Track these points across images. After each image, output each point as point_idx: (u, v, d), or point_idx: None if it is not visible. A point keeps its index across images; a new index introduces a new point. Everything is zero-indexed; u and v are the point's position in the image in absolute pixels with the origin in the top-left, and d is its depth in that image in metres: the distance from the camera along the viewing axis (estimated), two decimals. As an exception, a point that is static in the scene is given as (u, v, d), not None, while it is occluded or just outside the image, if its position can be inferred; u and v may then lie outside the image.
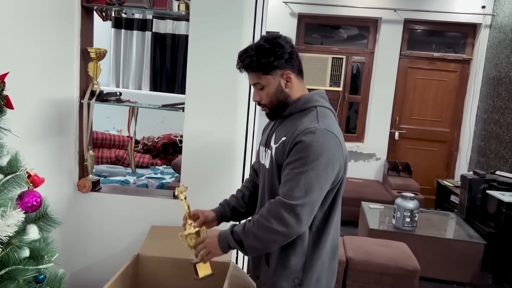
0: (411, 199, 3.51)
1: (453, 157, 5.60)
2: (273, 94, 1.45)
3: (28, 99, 1.92)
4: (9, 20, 1.73)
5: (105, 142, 4.49)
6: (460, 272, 3.47)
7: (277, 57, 1.40)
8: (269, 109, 1.49)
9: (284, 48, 1.41)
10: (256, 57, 1.40)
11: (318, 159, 1.30)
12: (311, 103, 1.44)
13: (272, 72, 1.42)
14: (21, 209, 1.13)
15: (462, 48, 5.50)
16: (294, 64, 1.45)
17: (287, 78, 1.44)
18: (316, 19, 5.60)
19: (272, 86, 1.44)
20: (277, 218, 1.29)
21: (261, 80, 1.44)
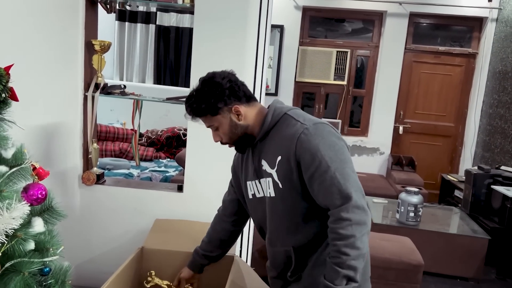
0: (415, 193, 3.50)
1: (458, 152, 5.58)
2: (229, 131, 1.43)
3: (33, 91, 1.92)
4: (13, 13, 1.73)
5: (109, 135, 4.50)
6: (463, 267, 3.46)
7: (217, 97, 1.38)
8: (233, 144, 1.48)
9: (222, 85, 1.38)
10: (197, 103, 1.39)
11: (330, 152, 1.27)
12: (278, 112, 1.41)
13: (220, 112, 1.39)
14: (26, 202, 1.13)
15: (468, 42, 5.45)
16: (239, 95, 1.41)
17: (236, 112, 1.41)
18: (320, 12, 5.56)
19: (225, 124, 1.42)
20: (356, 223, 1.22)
21: (212, 122, 1.43)
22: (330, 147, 1.28)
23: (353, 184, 1.26)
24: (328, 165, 1.25)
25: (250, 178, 1.51)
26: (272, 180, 1.40)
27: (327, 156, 1.26)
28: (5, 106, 1.16)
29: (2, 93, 1.10)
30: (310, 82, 5.61)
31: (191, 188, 2.42)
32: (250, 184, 1.52)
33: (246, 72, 2.30)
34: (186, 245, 2.16)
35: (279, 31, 5.43)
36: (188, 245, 2.15)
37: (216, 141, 1.48)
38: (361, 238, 1.23)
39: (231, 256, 2.06)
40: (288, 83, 5.56)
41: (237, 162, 1.64)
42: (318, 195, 1.30)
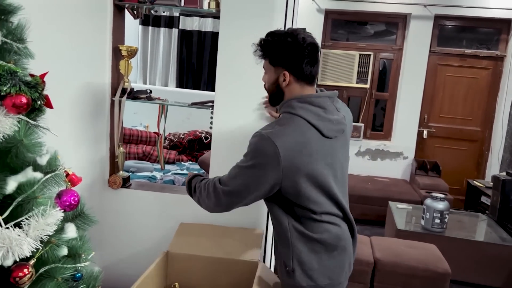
0: (441, 199, 3.43)
1: (484, 157, 5.45)
2: (269, 82, 1.59)
3: (62, 97, 1.95)
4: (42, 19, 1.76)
5: (132, 138, 4.55)
6: (492, 275, 3.37)
7: (285, 54, 1.50)
8: (269, 94, 1.64)
9: (297, 50, 1.49)
10: (270, 45, 1.53)
11: (250, 160, 1.46)
12: (285, 108, 1.55)
13: (275, 65, 1.54)
14: (59, 208, 1.15)
15: (495, 44, 5.33)
16: (298, 68, 1.51)
17: (284, 77, 1.52)
18: (343, 15, 5.52)
19: (271, 75, 1.57)
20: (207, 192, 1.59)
21: (266, 66, 1.59)
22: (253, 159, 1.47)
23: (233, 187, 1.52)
24: (241, 163, 1.51)
25: None
26: None
27: (246, 159, 1.49)
28: (40, 113, 1.18)
29: (38, 100, 1.12)
30: (332, 85, 5.57)
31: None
32: None
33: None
34: (210, 249, 2.16)
35: (301, 34, 5.39)
36: (212, 250, 2.15)
37: (262, 80, 1.65)
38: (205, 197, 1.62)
39: (255, 262, 2.06)
40: (310, 87, 5.51)
41: None
42: None
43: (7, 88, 1.05)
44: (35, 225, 1.04)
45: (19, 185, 1.09)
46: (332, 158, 1.52)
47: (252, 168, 1.45)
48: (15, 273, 1.06)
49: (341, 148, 1.57)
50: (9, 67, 1.06)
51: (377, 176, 5.38)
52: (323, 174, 1.48)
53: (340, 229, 1.57)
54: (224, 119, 2.35)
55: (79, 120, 2.15)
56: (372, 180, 5.16)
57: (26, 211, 1.07)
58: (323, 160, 1.48)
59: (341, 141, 1.56)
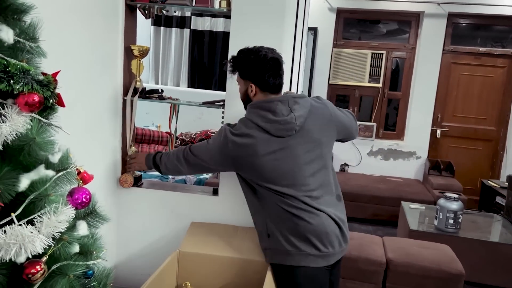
0: (454, 200, 3.38)
1: (499, 157, 5.36)
2: (242, 94, 1.91)
3: (74, 96, 1.97)
4: (55, 18, 1.77)
5: (144, 137, 4.58)
6: (507, 277, 3.31)
7: (250, 69, 1.81)
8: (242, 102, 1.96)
9: (260, 65, 1.78)
10: (238, 62, 1.85)
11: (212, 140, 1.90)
12: (246, 115, 1.87)
13: (244, 78, 1.86)
14: (71, 206, 1.16)
15: (510, 42, 5.24)
16: (262, 80, 1.80)
17: (252, 88, 1.83)
18: (355, 14, 5.48)
19: (242, 87, 1.89)
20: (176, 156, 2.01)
21: (237, 79, 1.91)
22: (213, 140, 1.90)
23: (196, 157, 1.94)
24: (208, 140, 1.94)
25: None
26: None
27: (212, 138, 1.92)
28: (52, 112, 1.19)
29: (50, 99, 1.13)
30: (344, 84, 5.54)
31: (226, 193, 2.42)
32: None
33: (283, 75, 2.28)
34: (222, 248, 2.16)
35: (313, 33, 5.38)
36: (224, 249, 2.15)
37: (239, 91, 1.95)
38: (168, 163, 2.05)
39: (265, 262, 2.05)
40: (321, 86, 5.51)
41: None
42: None
43: (19, 87, 1.06)
44: (47, 222, 1.05)
45: (31, 183, 1.10)
46: (284, 154, 1.75)
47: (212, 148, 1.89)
48: (28, 270, 1.07)
49: (302, 144, 1.78)
50: (22, 66, 1.08)
51: (389, 176, 5.34)
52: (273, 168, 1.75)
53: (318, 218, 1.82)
54: (235, 118, 2.34)
55: (92, 119, 2.17)
56: (384, 180, 5.12)
57: (38, 208, 1.08)
58: (272, 156, 1.74)
59: (299, 138, 1.77)
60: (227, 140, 1.79)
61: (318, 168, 1.81)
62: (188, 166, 1.97)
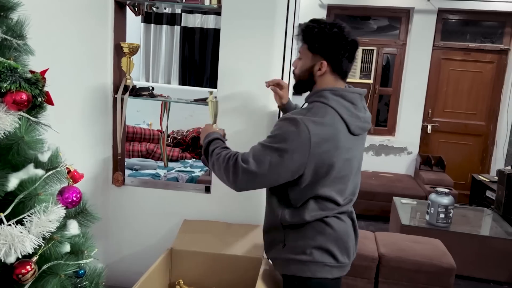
0: (445, 194, 3.41)
1: (489, 151, 5.41)
2: (304, 69, 1.55)
3: (64, 94, 1.95)
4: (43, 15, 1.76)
5: (136, 135, 4.56)
6: (497, 270, 3.35)
7: (325, 44, 1.48)
8: (296, 80, 1.61)
9: (338, 42, 1.48)
10: (313, 32, 1.49)
11: (279, 142, 1.40)
12: (316, 97, 1.50)
13: (314, 52, 1.51)
14: (61, 205, 1.15)
15: (500, 38, 5.28)
16: (337, 61, 1.50)
17: (320, 66, 1.51)
18: (345, 10, 5.49)
19: (307, 62, 1.54)
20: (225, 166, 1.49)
21: (303, 52, 1.55)
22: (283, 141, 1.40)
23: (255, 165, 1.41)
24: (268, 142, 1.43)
25: None
26: None
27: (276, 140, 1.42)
28: (41, 110, 1.18)
29: (38, 97, 1.12)
30: (335, 81, 5.54)
31: (219, 190, 2.42)
32: None
33: (273, 72, 2.28)
34: (214, 246, 2.16)
35: (304, 30, 5.38)
36: (216, 247, 2.15)
37: (293, 65, 1.63)
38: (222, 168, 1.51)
39: (259, 258, 2.06)
40: (313, 83, 5.51)
41: None
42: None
43: (7, 85, 1.04)
44: (37, 222, 1.04)
45: (20, 182, 1.09)
46: (352, 155, 1.51)
47: (279, 151, 1.38)
48: (18, 270, 1.06)
49: (361, 146, 1.59)
50: (9, 63, 1.06)
51: (381, 171, 5.36)
52: (341, 169, 1.47)
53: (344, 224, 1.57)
54: (226, 115, 2.34)
55: (82, 117, 2.15)
56: (376, 176, 5.15)
57: (28, 208, 1.07)
58: (345, 155, 1.47)
59: (361, 140, 1.58)
60: (309, 134, 1.37)
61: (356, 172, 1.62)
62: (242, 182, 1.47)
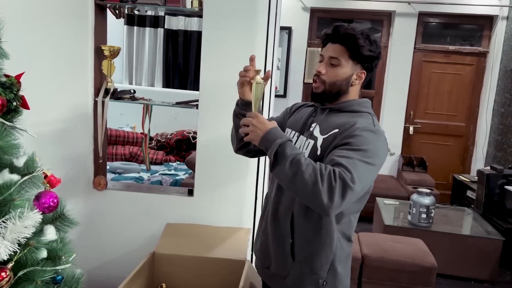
0: (427, 195, 3.46)
1: (469, 152, 5.51)
2: (339, 78, 1.41)
3: (43, 98, 1.93)
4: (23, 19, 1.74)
5: (119, 139, 4.52)
6: (478, 269, 3.42)
7: (371, 56, 1.39)
8: (324, 88, 1.43)
9: (376, 54, 1.42)
10: (363, 39, 1.38)
11: (375, 158, 1.27)
12: (366, 108, 1.44)
13: (355, 61, 1.40)
14: (38, 210, 1.13)
15: (478, 40, 5.39)
16: (369, 73, 1.45)
17: (358, 77, 1.42)
18: (328, 13, 5.54)
19: (345, 70, 1.40)
20: (330, 186, 1.17)
21: (341, 59, 1.39)
22: (376, 155, 1.28)
23: (359, 187, 1.22)
24: (365, 158, 1.24)
25: (293, 127, 1.54)
26: (313, 144, 1.40)
27: (370, 154, 1.26)
28: (16, 115, 1.16)
29: (13, 101, 1.10)
30: (318, 83, 5.58)
31: (202, 193, 2.42)
32: (289, 130, 1.55)
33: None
34: (197, 249, 2.15)
35: (287, 32, 5.41)
36: (199, 250, 2.15)
37: (319, 70, 1.43)
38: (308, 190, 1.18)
39: (242, 260, 2.06)
40: (296, 85, 5.55)
41: (295, 106, 1.65)
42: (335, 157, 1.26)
43: (-20, 89, 1.03)
44: (12, 227, 1.02)
45: (-5, 188, 1.07)
46: None
47: (375, 167, 1.29)
48: (-7, 277, 1.04)
49: None
50: (-17, 67, 1.05)
51: (364, 173, 5.41)
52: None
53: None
54: (209, 117, 2.34)
55: (61, 121, 2.13)
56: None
57: (2, 213, 1.05)
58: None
59: None
60: (387, 146, 1.39)
61: None
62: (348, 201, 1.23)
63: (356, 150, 1.25)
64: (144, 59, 5.40)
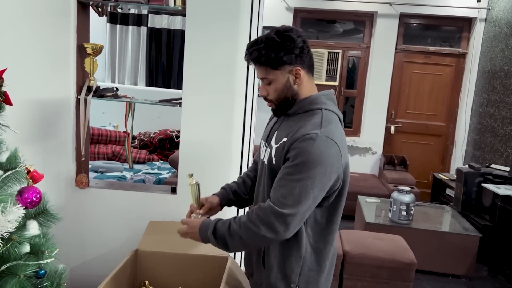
0: (407, 192, 3.53)
1: (449, 151, 5.63)
2: (281, 90, 1.37)
3: (25, 95, 1.92)
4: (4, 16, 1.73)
5: (101, 138, 4.49)
6: (455, 264, 3.50)
7: (287, 52, 1.32)
8: (275, 105, 1.42)
9: (296, 43, 1.33)
10: (265, 50, 1.32)
11: (315, 168, 1.24)
12: (317, 104, 1.37)
13: (281, 68, 1.34)
14: (21, 205, 1.14)
15: (458, 42, 5.51)
16: (304, 59, 1.36)
17: (296, 75, 1.36)
18: (312, 14, 5.60)
19: (280, 82, 1.36)
20: (267, 224, 1.25)
21: (269, 75, 1.36)
22: (317, 165, 1.25)
23: (302, 207, 1.25)
24: (301, 174, 1.24)
25: (264, 138, 1.55)
26: (270, 152, 1.41)
27: (307, 168, 1.24)
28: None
29: (-4, 97, 1.11)
30: (302, 83, 5.63)
31: (185, 190, 2.42)
32: (262, 143, 1.55)
33: (238, 74, 2.31)
34: (180, 246, 2.16)
35: (271, 32, 5.45)
36: (182, 247, 2.16)
37: (261, 95, 1.43)
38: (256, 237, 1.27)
39: (224, 257, 2.08)
40: (280, 84, 5.58)
41: (270, 120, 1.63)
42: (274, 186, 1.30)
43: (-37, 85, 1.03)
44: (-6, 222, 1.03)
45: (-23, 183, 1.08)
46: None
47: (313, 178, 1.24)
48: (-25, 272, 1.05)
49: None
50: (-35, 63, 1.05)
51: (347, 171, 5.48)
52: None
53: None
54: (192, 116, 2.36)
55: (43, 118, 2.12)
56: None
57: (-15, 208, 1.05)
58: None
59: None
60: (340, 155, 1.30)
61: None
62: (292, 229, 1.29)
63: (293, 171, 1.26)
64: (127, 57, 5.37)
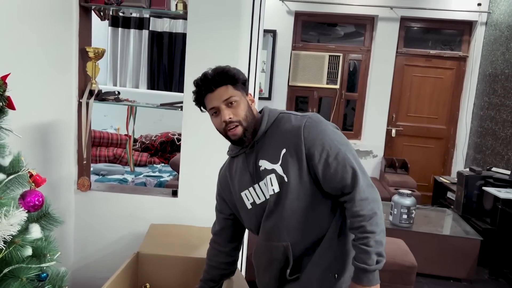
0: (408, 196, 3.54)
1: (450, 154, 5.64)
2: (246, 111, 1.41)
3: (27, 99, 1.93)
4: (7, 20, 1.74)
5: (103, 140, 4.50)
6: (456, 267, 3.50)
7: (243, 79, 1.43)
8: (244, 127, 1.40)
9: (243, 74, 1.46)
10: (230, 70, 1.40)
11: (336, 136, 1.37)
12: (273, 113, 1.46)
13: (242, 89, 1.42)
14: (23, 209, 1.15)
15: (458, 45, 5.53)
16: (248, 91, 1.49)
17: (250, 100, 1.46)
18: (313, 17, 5.61)
19: (244, 102, 1.41)
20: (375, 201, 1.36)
21: (234, 94, 1.39)
22: (334, 132, 1.37)
23: (360, 165, 1.35)
24: (338, 148, 1.33)
25: (245, 187, 1.50)
26: (275, 176, 1.39)
27: (335, 140, 1.35)
28: (2, 115, 1.18)
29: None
30: (303, 86, 5.66)
31: (186, 193, 2.44)
32: (246, 193, 1.50)
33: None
34: (181, 250, 2.17)
35: (272, 35, 5.47)
36: (183, 250, 2.16)
37: (225, 118, 1.39)
38: (380, 214, 1.35)
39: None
40: (281, 87, 5.61)
41: (224, 182, 1.63)
42: (333, 178, 1.33)
43: (-34, 89, 1.04)
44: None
45: (-19, 187, 1.09)
46: None
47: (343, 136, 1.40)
48: (-22, 275, 1.06)
49: None
50: (-31, 68, 1.06)
51: (348, 174, 5.48)
52: None
53: None
54: (193, 119, 2.37)
55: (45, 121, 2.13)
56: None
57: (-12, 212, 1.06)
58: None
59: None
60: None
61: None
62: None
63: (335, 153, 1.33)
64: (129, 61, 5.39)
